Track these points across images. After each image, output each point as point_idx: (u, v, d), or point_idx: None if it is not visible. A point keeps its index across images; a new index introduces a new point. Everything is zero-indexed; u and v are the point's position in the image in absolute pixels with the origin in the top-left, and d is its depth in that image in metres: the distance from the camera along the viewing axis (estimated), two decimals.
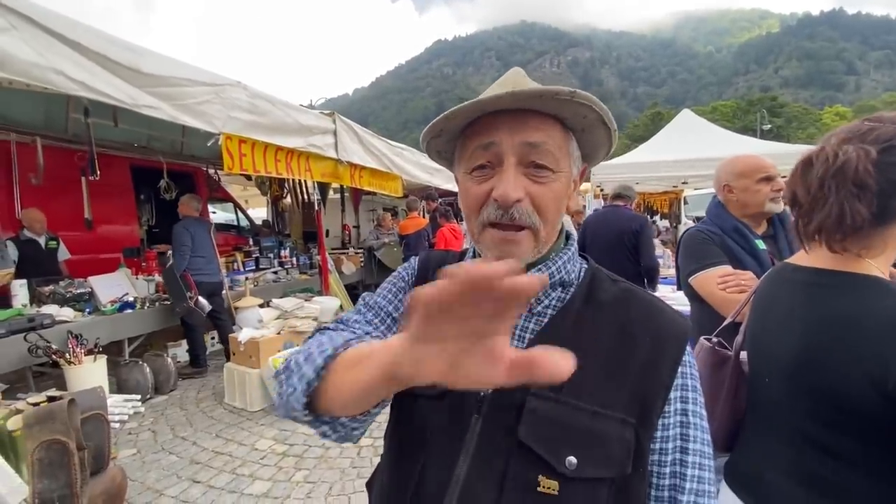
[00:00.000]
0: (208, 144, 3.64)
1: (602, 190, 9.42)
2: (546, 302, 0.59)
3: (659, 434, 0.54)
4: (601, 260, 0.71)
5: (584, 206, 8.22)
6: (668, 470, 0.55)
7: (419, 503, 0.56)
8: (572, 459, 0.51)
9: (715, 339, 1.00)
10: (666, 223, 12.92)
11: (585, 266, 0.64)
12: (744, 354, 0.99)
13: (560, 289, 0.60)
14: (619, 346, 0.56)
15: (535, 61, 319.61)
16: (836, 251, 0.79)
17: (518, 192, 0.53)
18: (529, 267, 0.59)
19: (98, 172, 4.37)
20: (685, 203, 11.33)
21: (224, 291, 4.63)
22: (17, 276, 3.67)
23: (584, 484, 0.51)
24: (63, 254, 4.49)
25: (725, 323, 1.10)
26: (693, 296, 1.62)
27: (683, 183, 8.02)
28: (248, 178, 6.51)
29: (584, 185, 7.91)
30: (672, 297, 2.95)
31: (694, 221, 10.37)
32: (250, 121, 3.81)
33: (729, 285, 1.44)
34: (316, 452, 2.80)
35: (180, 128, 5.87)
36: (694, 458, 0.55)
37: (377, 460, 2.67)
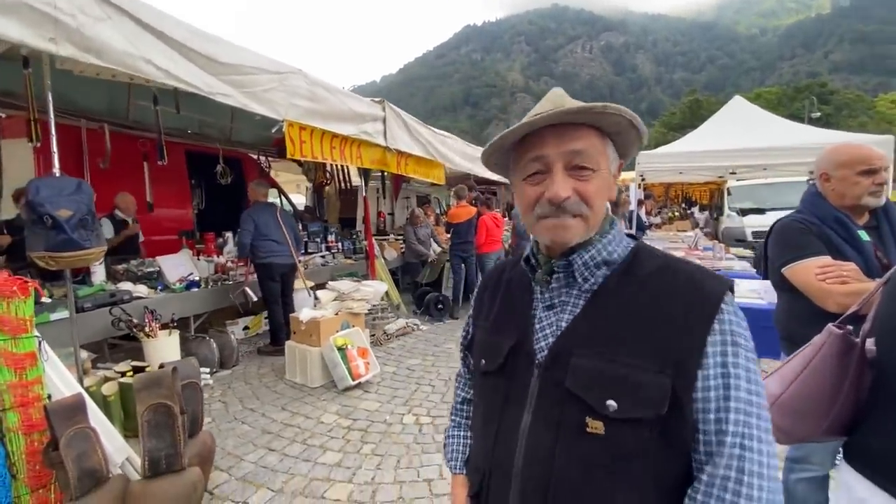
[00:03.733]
0: (273, 131, 3.77)
1: (644, 179, 9.22)
2: (592, 280, 0.70)
3: (699, 384, 0.59)
4: None
5: (627, 194, 8.08)
6: (712, 416, 0.59)
7: (498, 454, 0.72)
8: (612, 403, 0.61)
9: (847, 328, 1.01)
10: (706, 215, 12.52)
11: (632, 245, 0.73)
12: (869, 342, 1.00)
13: (605, 267, 0.70)
14: (653, 310, 0.64)
15: (566, 46, 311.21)
16: None
17: (567, 190, 0.66)
18: (576, 248, 0.70)
19: (166, 158, 4.62)
20: (728, 194, 10.90)
21: (298, 273, 4.75)
22: (109, 253, 4.02)
23: (626, 424, 0.61)
24: (140, 235, 4.79)
25: (850, 312, 1.10)
26: (784, 286, 1.61)
27: (731, 173, 7.74)
28: (300, 164, 6.67)
29: (630, 174, 7.70)
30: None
31: (738, 214, 10.01)
32: (309, 108, 3.91)
33: (830, 276, 1.42)
34: (379, 428, 2.92)
35: (230, 114, 6.09)
36: (737, 404, 0.59)
37: (438, 437, 2.78)
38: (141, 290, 3.78)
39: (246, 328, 5.12)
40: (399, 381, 3.78)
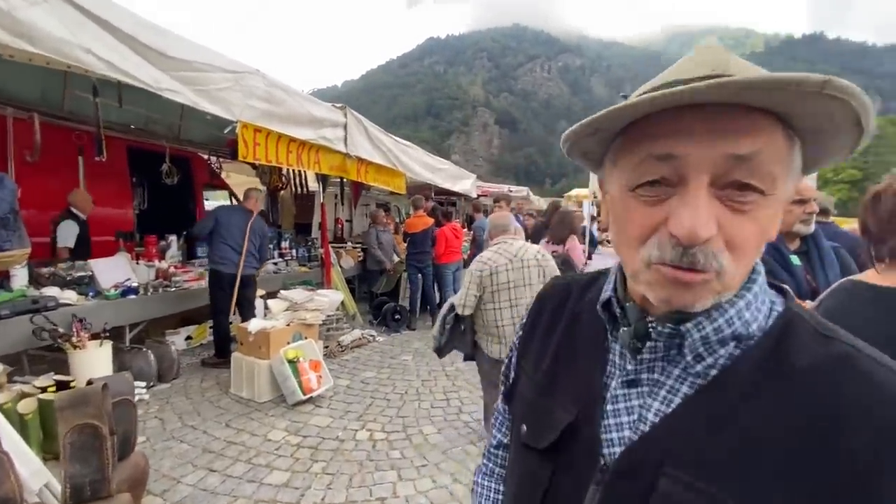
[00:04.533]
0: (225, 132, 3.60)
1: (596, 196, 9.59)
2: (710, 360, 0.44)
3: None
4: None
5: (581, 210, 8.32)
6: None
7: None
8: None
9: None
10: None
11: (780, 309, 0.46)
12: None
13: (733, 343, 0.44)
14: (811, 440, 0.38)
15: (526, 64, 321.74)
16: None
17: (710, 227, 0.38)
18: (697, 314, 0.43)
19: (104, 153, 4.30)
20: None
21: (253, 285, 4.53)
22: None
23: None
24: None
25: None
26: None
27: None
28: (254, 166, 6.42)
29: (582, 191, 7.80)
30: None
31: None
32: (266, 110, 3.79)
33: None
34: (331, 445, 2.81)
35: (179, 111, 5.78)
36: None
37: (392, 453, 2.72)
38: (69, 296, 3.46)
39: (189, 338, 4.81)
40: (353, 395, 3.67)
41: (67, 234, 4.19)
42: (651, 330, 0.46)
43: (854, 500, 0.35)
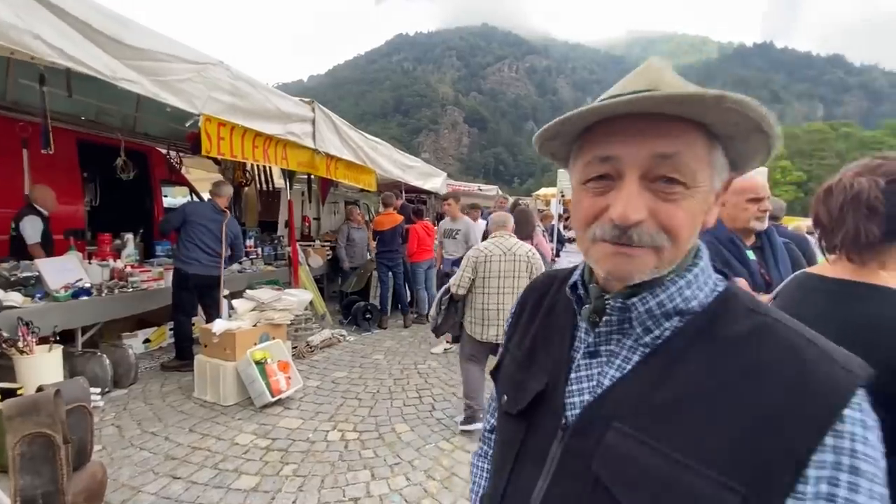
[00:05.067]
0: (187, 125, 3.45)
1: (563, 195, 9.81)
2: (657, 332, 0.51)
3: None
4: None
5: (549, 209, 8.52)
6: None
7: None
8: None
9: None
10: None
11: (720, 290, 0.53)
12: None
13: (677, 317, 0.51)
14: (734, 393, 0.44)
15: (494, 64, 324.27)
16: (855, 263, 0.95)
17: (640, 212, 0.47)
18: (642, 287, 0.51)
19: (52, 146, 4.03)
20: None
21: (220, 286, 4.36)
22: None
23: None
24: None
25: None
26: None
27: None
28: (217, 162, 6.18)
29: (550, 190, 8.07)
30: None
31: None
32: (231, 103, 3.66)
33: None
34: (301, 447, 2.75)
35: (135, 102, 5.50)
36: None
37: (365, 453, 2.71)
38: (14, 298, 3.23)
39: (147, 341, 4.59)
40: (323, 395, 3.60)
41: (33, 230, 3.99)
42: (607, 305, 0.54)
43: (765, 440, 0.42)
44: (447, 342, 4.87)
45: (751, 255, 1.72)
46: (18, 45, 2.18)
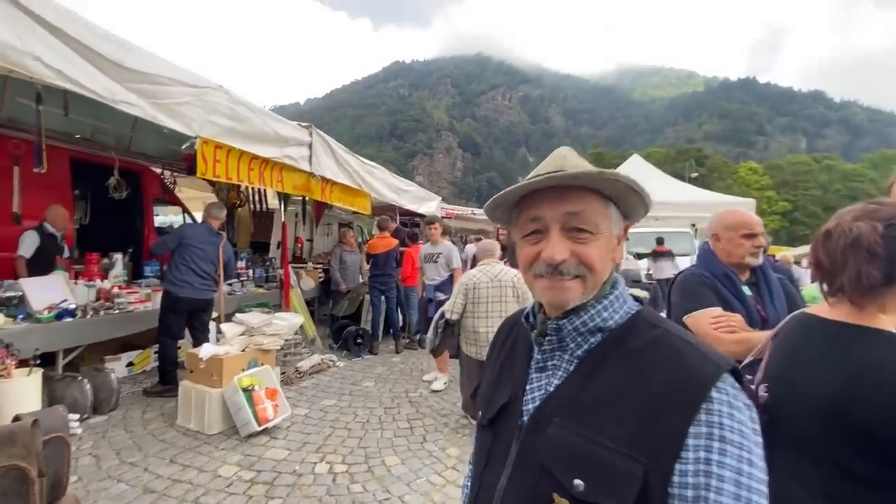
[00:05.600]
0: (183, 147, 3.45)
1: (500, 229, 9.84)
2: (586, 346, 0.67)
3: (677, 480, 0.53)
4: None
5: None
6: None
7: None
8: (579, 482, 0.57)
9: (746, 377, 1.13)
10: None
11: (633, 311, 0.69)
12: (762, 388, 1.12)
13: (599, 334, 0.66)
14: (635, 386, 0.59)
15: (488, 92, 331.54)
16: (857, 306, 0.95)
17: (563, 253, 0.65)
18: (570, 312, 0.67)
19: (44, 164, 4.00)
20: (626, 239, 12.07)
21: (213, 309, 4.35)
22: (29, 267, 3.92)
23: None
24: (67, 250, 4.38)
25: (748, 361, 1.24)
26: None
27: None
28: (211, 183, 6.17)
29: None
30: None
31: (634, 257, 11.11)
32: (229, 126, 3.69)
33: (721, 326, 1.60)
34: (287, 479, 2.65)
35: (131, 122, 5.50)
36: None
37: (354, 487, 2.61)
38: None
39: (130, 364, 4.47)
40: (311, 424, 3.50)
41: (28, 245, 4.01)
42: (547, 329, 0.70)
43: (656, 421, 0.56)
44: (443, 378, 4.66)
45: (746, 290, 1.72)
46: (17, 66, 2.18)
